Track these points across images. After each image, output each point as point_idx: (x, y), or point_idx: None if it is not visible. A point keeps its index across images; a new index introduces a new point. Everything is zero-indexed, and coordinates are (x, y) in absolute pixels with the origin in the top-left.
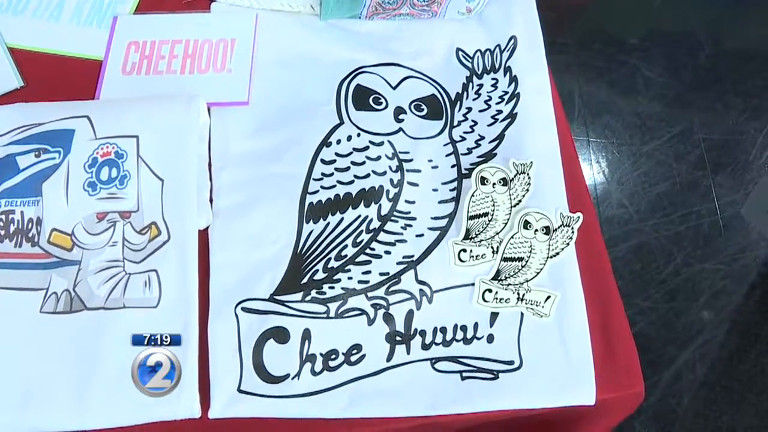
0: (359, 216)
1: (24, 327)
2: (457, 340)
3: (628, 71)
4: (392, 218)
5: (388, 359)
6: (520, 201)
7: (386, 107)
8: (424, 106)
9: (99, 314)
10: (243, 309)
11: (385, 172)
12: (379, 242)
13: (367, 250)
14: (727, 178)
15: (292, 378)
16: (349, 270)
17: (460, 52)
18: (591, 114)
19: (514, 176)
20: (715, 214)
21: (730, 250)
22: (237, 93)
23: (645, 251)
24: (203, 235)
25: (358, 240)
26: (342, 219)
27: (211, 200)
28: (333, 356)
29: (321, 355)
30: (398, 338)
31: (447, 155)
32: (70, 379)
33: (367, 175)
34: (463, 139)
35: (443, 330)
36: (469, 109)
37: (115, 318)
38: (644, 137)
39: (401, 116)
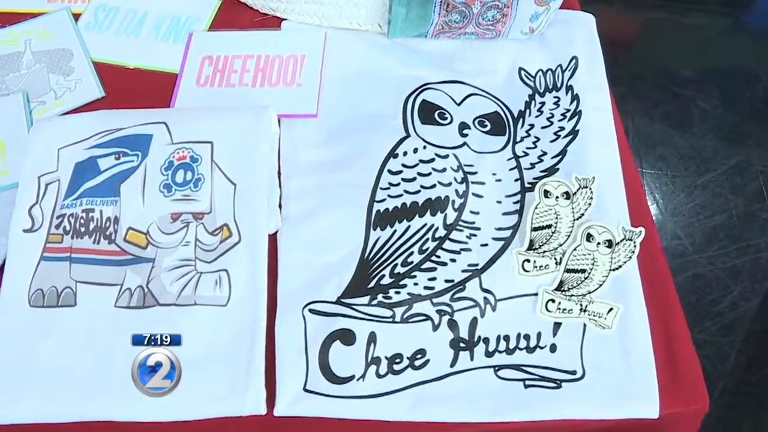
0: (425, 224)
1: (99, 320)
2: (520, 349)
3: (682, 103)
4: (457, 227)
5: (452, 365)
6: (582, 214)
7: (451, 122)
8: (487, 122)
9: (171, 310)
10: (310, 311)
11: (450, 183)
12: (445, 250)
13: (433, 258)
14: None
15: (357, 379)
16: (415, 276)
17: (522, 72)
18: (645, 145)
19: (577, 190)
20: None
21: None
22: (306, 106)
23: (700, 283)
24: (271, 239)
25: (424, 247)
26: (409, 227)
27: (279, 206)
28: (398, 360)
29: (386, 358)
30: (462, 345)
31: (510, 169)
32: None
33: (433, 186)
34: (526, 154)
35: (506, 338)
36: (532, 126)
37: (186, 314)
38: (699, 169)
39: (465, 131)
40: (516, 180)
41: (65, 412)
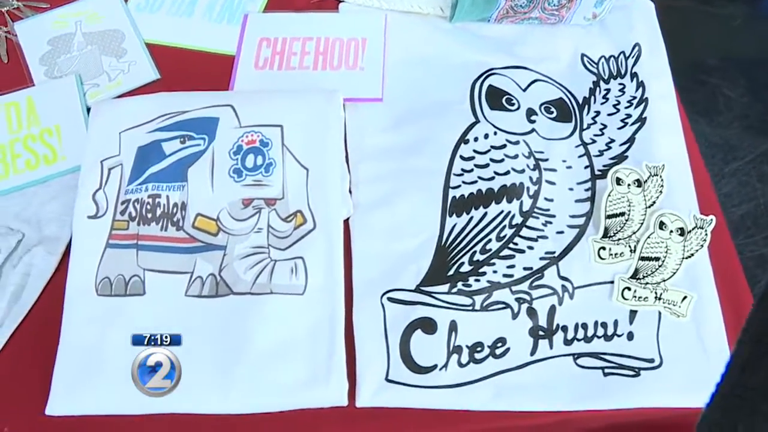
0: (502, 211)
1: (169, 309)
2: (598, 337)
3: (708, 91)
4: (533, 215)
5: (532, 353)
6: (654, 202)
7: (518, 108)
8: (553, 109)
9: (246, 299)
10: (389, 299)
11: (524, 170)
12: (522, 237)
13: (511, 245)
14: None
15: (440, 369)
16: (493, 263)
17: (585, 58)
18: None
19: (648, 178)
20: None
21: None
22: (371, 90)
23: None
24: (344, 226)
25: (502, 234)
26: (485, 213)
27: (349, 191)
28: (479, 348)
29: (467, 347)
30: (541, 333)
31: (579, 156)
32: (216, 361)
33: (507, 172)
34: (594, 141)
35: (584, 326)
36: (598, 113)
37: (262, 303)
38: (726, 157)
39: (533, 117)
40: (586, 167)
41: (135, 404)
